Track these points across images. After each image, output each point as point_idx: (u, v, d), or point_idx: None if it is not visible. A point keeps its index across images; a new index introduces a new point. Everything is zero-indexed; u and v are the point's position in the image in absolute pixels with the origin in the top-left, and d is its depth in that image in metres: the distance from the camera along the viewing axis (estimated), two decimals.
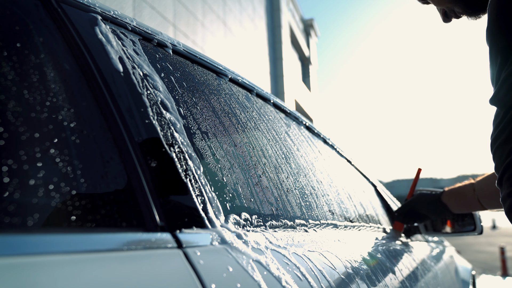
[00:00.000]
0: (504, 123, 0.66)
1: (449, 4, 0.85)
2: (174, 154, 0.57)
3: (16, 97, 0.43)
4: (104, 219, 0.44)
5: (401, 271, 1.14)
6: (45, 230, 0.38)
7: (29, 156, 0.40)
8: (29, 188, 0.38)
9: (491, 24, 0.67)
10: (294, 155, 1.09)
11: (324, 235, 0.90)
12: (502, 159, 0.66)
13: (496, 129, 0.68)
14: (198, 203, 0.56)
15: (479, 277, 6.78)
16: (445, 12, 0.89)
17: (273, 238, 0.65)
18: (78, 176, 0.44)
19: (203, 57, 0.92)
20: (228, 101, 0.90)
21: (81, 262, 0.36)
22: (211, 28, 9.25)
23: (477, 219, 1.66)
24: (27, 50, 0.47)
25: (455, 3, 0.84)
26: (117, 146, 0.50)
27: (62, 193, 0.41)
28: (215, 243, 0.52)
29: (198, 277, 0.44)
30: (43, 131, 0.43)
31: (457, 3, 0.84)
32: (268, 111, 1.11)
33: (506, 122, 0.65)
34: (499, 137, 0.67)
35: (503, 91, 0.65)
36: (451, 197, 1.44)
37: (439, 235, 1.79)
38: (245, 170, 0.79)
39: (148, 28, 0.76)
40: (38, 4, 0.54)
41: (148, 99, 0.60)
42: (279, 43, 15.03)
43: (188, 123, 0.67)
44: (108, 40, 0.60)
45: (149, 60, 0.68)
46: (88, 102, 0.51)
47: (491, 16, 0.67)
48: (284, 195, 0.88)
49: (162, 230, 0.47)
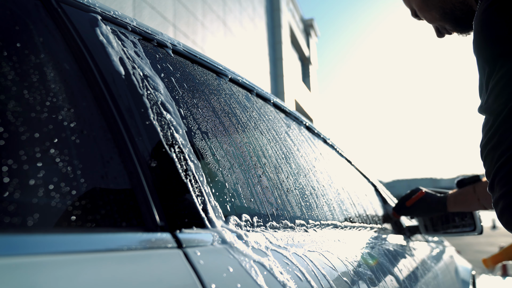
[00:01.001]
0: (494, 129, 0.68)
1: (440, 22, 0.90)
2: (174, 154, 0.57)
3: (16, 97, 0.43)
4: (104, 219, 0.44)
5: (401, 271, 1.14)
6: (45, 230, 0.38)
7: (29, 156, 0.40)
8: (29, 188, 0.38)
9: (476, 36, 0.71)
10: (294, 155, 1.09)
11: (324, 235, 0.90)
12: (493, 164, 0.68)
13: (486, 135, 0.70)
14: (198, 203, 0.56)
15: (479, 277, 6.78)
16: (438, 29, 0.95)
17: (273, 238, 0.65)
18: (78, 176, 0.44)
19: (203, 57, 0.92)
20: (228, 101, 0.90)
21: (81, 262, 0.36)
22: (211, 28, 9.25)
23: (477, 219, 1.66)
24: (27, 50, 0.47)
25: (445, 21, 0.89)
26: (117, 146, 0.50)
27: (62, 193, 0.41)
28: (215, 243, 0.52)
29: (198, 277, 0.44)
30: (43, 131, 0.43)
31: (447, 22, 0.89)
32: (268, 111, 1.11)
33: (495, 128, 0.67)
34: (489, 142, 0.69)
35: (492, 99, 0.68)
36: (452, 199, 1.49)
37: (439, 235, 1.79)
38: (245, 170, 0.79)
39: (148, 28, 0.76)
40: (38, 4, 0.54)
41: (148, 99, 0.60)
42: (279, 43, 15.02)
43: (188, 123, 0.67)
44: (108, 40, 0.60)
45: (149, 60, 0.68)
46: (88, 102, 0.51)
47: (476, 28, 0.71)
48: (284, 195, 0.88)
49: (162, 230, 0.47)
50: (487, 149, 0.69)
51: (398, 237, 1.56)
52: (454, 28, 0.90)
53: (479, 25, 0.70)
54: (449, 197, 1.51)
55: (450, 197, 1.50)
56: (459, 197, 1.47)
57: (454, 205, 1.49)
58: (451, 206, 1.49)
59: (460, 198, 1.46)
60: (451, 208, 1.49)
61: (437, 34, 0.96)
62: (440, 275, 1.66)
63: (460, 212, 1.72)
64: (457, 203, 1.48)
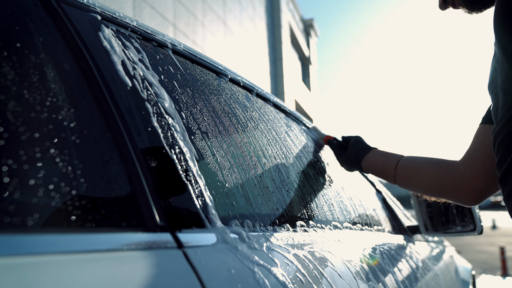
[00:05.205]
0: None
1: None
2: (174, 154, 0.57)
3: (16, 97, 0.43)
4: (104, 219, 0.44)
5: (401, 271, 1.14)
6: (45, 230, 0.38)
7: (29, 156, 0.40)
8: (29, 188, 0.38)
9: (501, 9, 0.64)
10: (295, 155, 1.09)
11: (324, 235, 0.90)
12: (510, 150, 0.59)
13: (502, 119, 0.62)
14: (198, 203, 0.56)
15: (479, 277, 6.78)
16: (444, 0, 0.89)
17: (273, 238, 0.65)
18: (78, 176, 0.44)
19: (203, 57, 0.92)
20: (228, 101, 0.90)
21: (81, 262, 0.36)
22: (211, 28, 9.25)
23: (477, 219, 1.66)
24: (27, 50, 0.47)
25: None
26: (117, 146, 0.50)
27: (62, 193, 0.41)
28: (216, 243, 0.52)
29: (198, 277, 0.44)
30: (43, 131, 0.43)
31: None
32: (268, 111, 1.11)
33: None
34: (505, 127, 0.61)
35: None
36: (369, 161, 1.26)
37: (439, 235, 1.78)
38: (246, 170, 0.79)
39: (148, 28, 0.76)
40: (38, 4, 0.54)
41: (148, 99, 0.60)
42: (279, 43, 15.02)
43: (188, 123, 0.67)
44: (108, 40, 0.60)
45: (149, 60, 0.68)
46: (88, 102, 0.51)
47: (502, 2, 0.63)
48: (284, 195, 0.88)
49: (162, 230, 0.47)
50: (503, 133, 0.61)
51: (398, 237, 1.56)
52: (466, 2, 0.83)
53: None
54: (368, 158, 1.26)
55: (370, 157, 1.25)
56: (375, 164, 1.24)
57: (368, 168, 1.27)
58: (366, 166, 1.27)
59: (376, 166, 1.24)
60: (365, 168, 1.27)
61: (440, 5, 0.89)
62: (440, 275, 1.66)
63: (460, 212, 1.72)
64: (371, 169, 1.26)
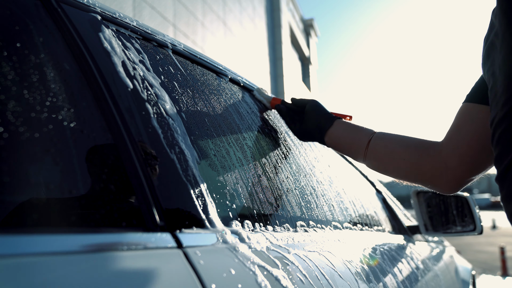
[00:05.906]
0: None
1: None
2: (174, 154, 0.57)
3: (16, 97, 0.43)
4: (104, 219, 0.44)
5: (401, 271, 1.14)
6: (45, 230, 0.38)
7: (29, 156, 0.40)
8: (29, 188, 0.38)
9: None
10: (295, 155, 1.09)
11: (324, 235, 0.90)
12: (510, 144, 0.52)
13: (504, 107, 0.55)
14: (198, 203, 0.56)
15: (479, 277, 6.78)
16: None
17: (273, 238, 0.65)
18: (78, 176, 0.44)
19: (203, 57, 0.92)
20: (228, 101, 0.90)
21: (81, 262, 0.36)
22: (211, 28, 9.25)
23: (477, 219, 1.66)
24: (27, 50, 0.47)
25: None
26: (117, 146, 0.50)
27: (62, 193, 0.41)
28: (216, 244, 0.52)
29: (198, 277, 0.44)
30: (43, 131, 0.43)
31: None
32: (268, 111, 1.11)
33: None
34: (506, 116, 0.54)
35: None
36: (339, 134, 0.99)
37: (439, 235, 1.78)
38: (246, 170, 0.79)
39: (148, 28, 0.76)
40: (38, 4, 0.54)
41: (148, 99, 0.60)
42: (279, 43, 15.01)
43: (188, 123, 0.67)
44: (108, 40, 0.60)
45: (149, 60, 0.68)
46: (88, 102, 0.51)
47: None
48: (284, 195, 0.88)
49: (162, 230, 0.47)
50: (506, 123, 0.53)
51: (398, 237, 1.56)
52: None
53: None
54: (332, 132, 0.98)
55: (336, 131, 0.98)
56: (342, 140, 0.98)
57: (332, 144, 1.00)
58: (329, 142, 1.00)
59: (343, 143, 0.98)
60: (328, 143, 1.01)
61: None
62: (440, 275, 1.66)
63: (460, 212, 1.72)
64: (336, 145, 1.00)
